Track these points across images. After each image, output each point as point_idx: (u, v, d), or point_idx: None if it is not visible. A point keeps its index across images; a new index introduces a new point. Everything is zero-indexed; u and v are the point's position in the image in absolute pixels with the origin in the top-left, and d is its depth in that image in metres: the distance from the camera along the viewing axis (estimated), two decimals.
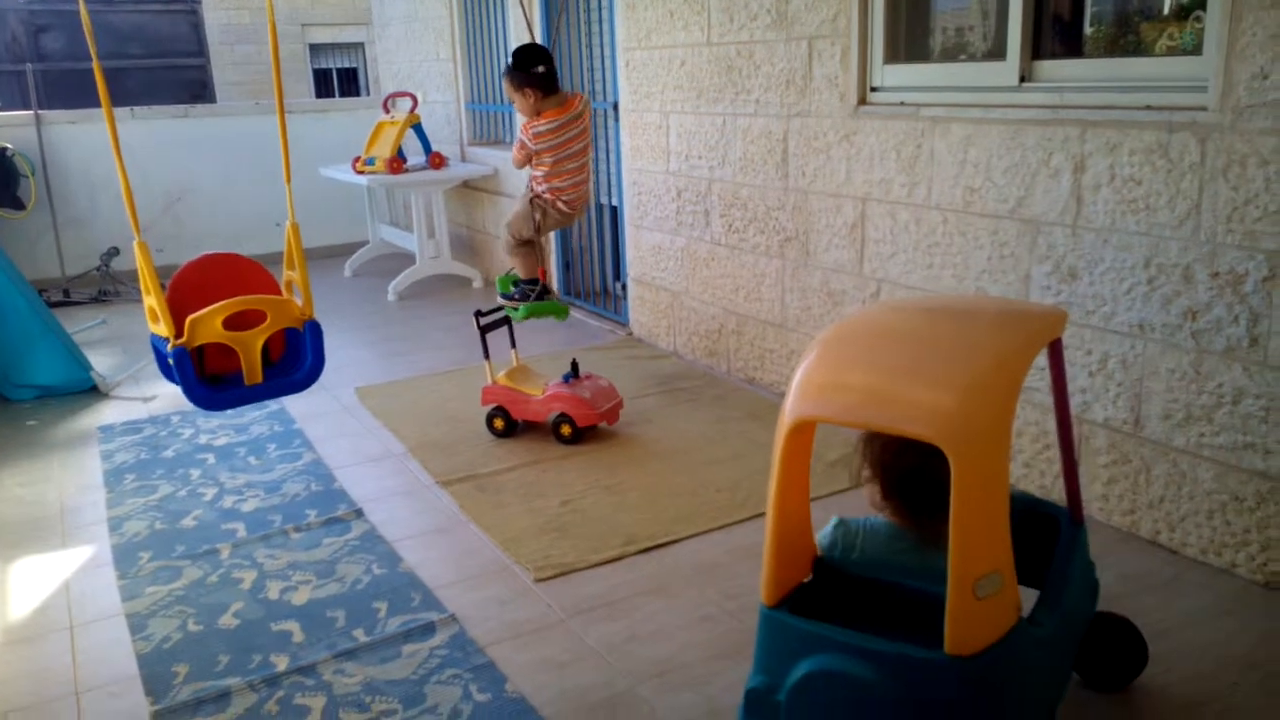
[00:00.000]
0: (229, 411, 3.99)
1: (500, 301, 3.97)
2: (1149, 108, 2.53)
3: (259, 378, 2.87)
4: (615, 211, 5.14)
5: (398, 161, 5.94)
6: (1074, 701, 2.01)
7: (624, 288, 5.04)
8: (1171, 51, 2.65)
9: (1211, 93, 2.38)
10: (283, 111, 2.95)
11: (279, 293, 3.07)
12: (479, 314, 3.58)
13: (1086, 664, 2.05)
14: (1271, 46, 2.24)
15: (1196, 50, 2.49)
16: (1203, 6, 2.47)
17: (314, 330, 2.96)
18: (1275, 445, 2.36)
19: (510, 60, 3.68)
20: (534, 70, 3.61)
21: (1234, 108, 2.33)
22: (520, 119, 3.75)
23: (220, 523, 3.03)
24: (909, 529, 1.79)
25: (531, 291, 3.89)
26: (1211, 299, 2.43)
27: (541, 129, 3.60)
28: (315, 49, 14.47)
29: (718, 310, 4.26)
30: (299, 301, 2.99)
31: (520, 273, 3.90)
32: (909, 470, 1.74)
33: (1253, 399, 2.38)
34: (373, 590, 2.59)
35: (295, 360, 3.02)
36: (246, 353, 2.84)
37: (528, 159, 3.69)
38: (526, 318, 3.91)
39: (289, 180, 2.96)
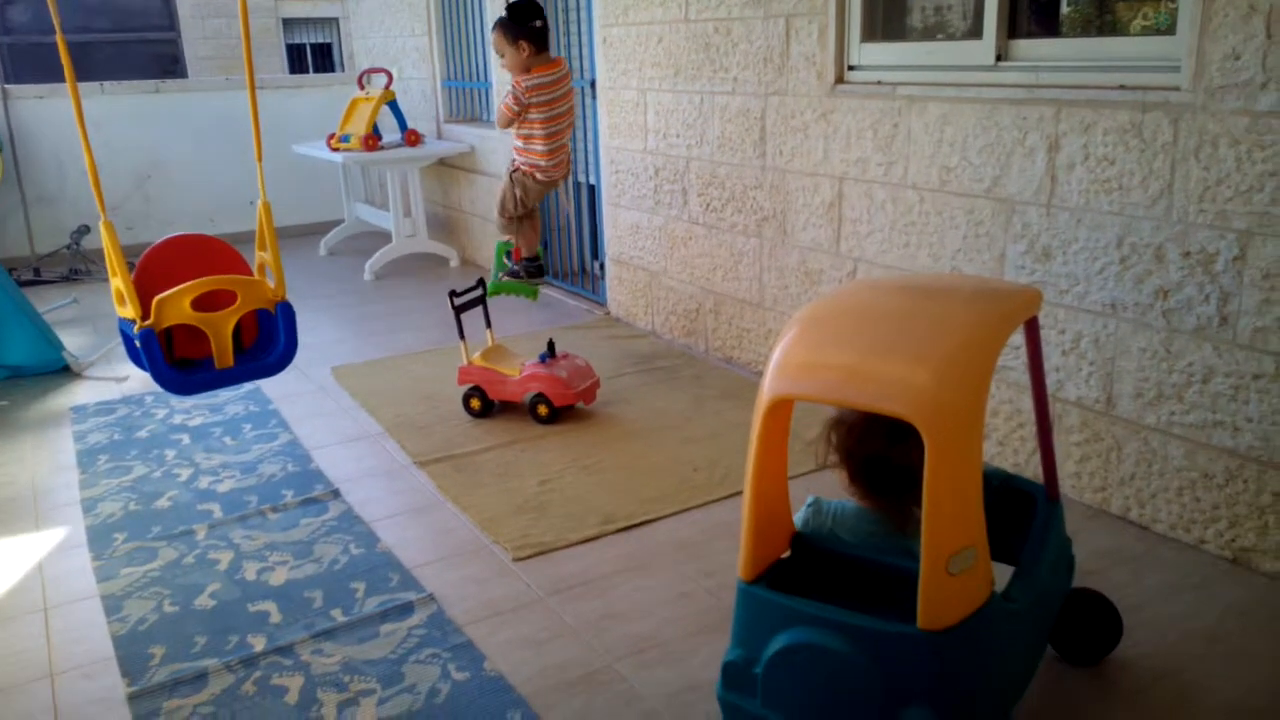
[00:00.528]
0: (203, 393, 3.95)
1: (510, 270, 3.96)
2: (1123, 87, 2.55)
3: (230, 361, 2.82)
4: (593, 190, 5.12)
5: (373, 139, 5.88)
6: (1048, 674, 2.04)
7: (602, 267, 5.02)
8: (1145, 31, 2.67)
9: (1184, 73, 2.40)
10: (253, 88, 2.90)
11: (250, 274, 3.02)
12: (453, 294, 3.55)
13: (1063, 638, 2.08)
14: (1243, 27, 2.25)
15: (1170, 30, 2.51)
16: None
17: (286, 312, 2.92)
18: (1244, 423, 2.39)
19: (506, 12, 3.66)
20: (531, 24, 3.60)
21: (1206, 88, 2.34)
22: (506, 78, 3.72)
23: (196, 503, 3.01)
24: (876, 511, 1.81)
25: (520, 269, 3.91)
26: (1183, 278, 2.46)
27: (534, 82, 3.58)
28: (289, 24, 14.24)
29: (695, 289, 4.26)
30: (271, 282, 2.94)
31: (522, 248, 3.91)
32: (872, 456, 1.76)
33: (1222, 377, 2.42)
34: (350, 570, 2.59)
35: (267, 344, 2.97)
36: (216, 335, 2.79)
37: (515, 116, 3.65)
38: (494, 294, 3.91)
39: (260, 159, 2.92)
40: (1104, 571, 2.43)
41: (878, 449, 1.75)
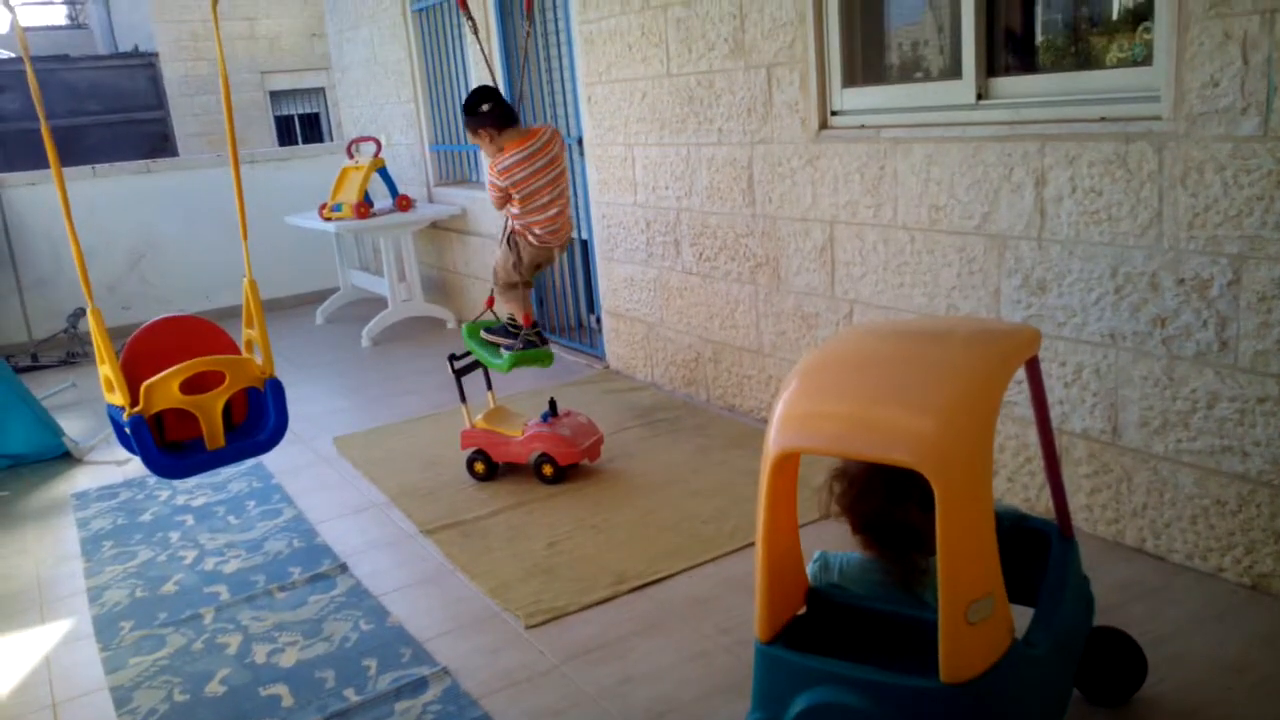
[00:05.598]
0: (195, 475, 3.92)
1: (484, 340, 3.89)
2: (1104, 119, 2.57)
3: (221, 441, 2.80)
4: (586, 245, 5.14)
5: (364, 206, 5.93)
6: (1075, 718, 2.00)
7: (598, 321, 5.03)
8: (1122, 63, 2.70)
9: (1165, 102, 2.42)
10: (238, 169, 2.92)
11: (238, 352, 3.01)
12: (453, 358, 3.55)
13: (1087, 679, 2.05)
14: (1219, 54, 2.28)
15: (1147, 61, 2.54)
16: (1150, 17, 2.52)
17: (275, 389, 2.90)
18: (1252, 447, 2.38)
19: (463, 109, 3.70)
20: (480, 110, 3.59)
21: (1188, 116, 2.37)
22: (488, 163, 3.74)
23: (202, 586, 2.98)
24: (882, 561, 1.80)
25: (517, 333, 3.86)
26: (1179, 305, 2.46)
27: (508, 163, 3.57)
28: (276, 96, 14.43)
29: (694, 339, 4.27)
30: (259, 360, 2.93)
31: (516, 315, 3.86)
32: (872, 513, 1.76)
33: (1227, 402, 2.41)
34: (362, 647, 2.55)
35: (258, 420, 2.95)
36: (207, 417, 2.77)
37: (504, 198, 3.66)
38: (511, 368, 3.88)
39: (245, 236, 2.92)
40: (1124, 606, 2.39)
41: (879, 505, 1.74)
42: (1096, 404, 2.70)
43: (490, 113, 3.58)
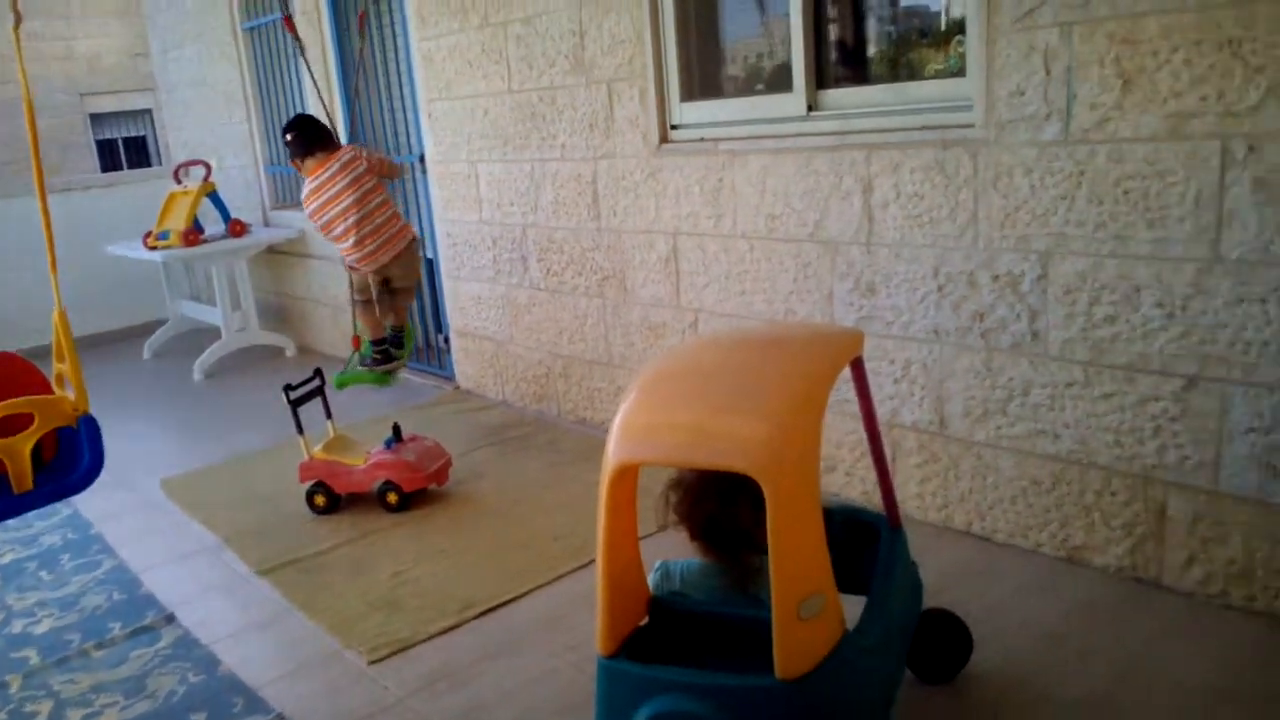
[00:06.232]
0: (12, 524, 3.60)
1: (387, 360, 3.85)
2: (925, 128, 2.69)
3: (29, 484, 2.55)
4: (431, 264, 5.02)
5: (194, 233, 5.62)
6: (908, 697, 2.05)
7: (446, 341, 4.92)
8: (940, 74, 2.83)
9: (977, 111, 2.55)
10: (43, 191, 2.69)
11: (48, 388, 2.76)
12: (289, 387, 3.38)
13: (918, 660, 2.11)
14: (1024, 65, 2.42)
15: (962, 72, 2.67)
16: (963, 31, 2.65)
17: (90, 426, 2.67)
18: (1063, 429, 2.52)
19: None
20: (285, 139, 3.58)
21: (997, 123, 2.50)
22: None
23: (8, 651, 2.70)
24: (719, 565, 1.81)
25: (399, 342, 3.84)
26: (995, 300, 2.59)
27: (303, 194, 3.56)
28: (97, 119, 13.54)
29: (543, 354, 4.22)
30: (71, 395, 2.70)
31: (362, 334, 3.85)
32: (706, 519, 1.79)
33: (1039, 389, 2.55)
34: (189, 701, 2.37)
35: (71, 456, 2.71)
36: (13, 460, 2.53)
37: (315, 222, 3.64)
38: (341, 387, 3.77)
39: (54, 266, 2.69)
40: (952, 588, 2.48)
41: (713, 510, 1.76)
42: (924, 397, 2.81)
43: (292, 142, 3.59)
